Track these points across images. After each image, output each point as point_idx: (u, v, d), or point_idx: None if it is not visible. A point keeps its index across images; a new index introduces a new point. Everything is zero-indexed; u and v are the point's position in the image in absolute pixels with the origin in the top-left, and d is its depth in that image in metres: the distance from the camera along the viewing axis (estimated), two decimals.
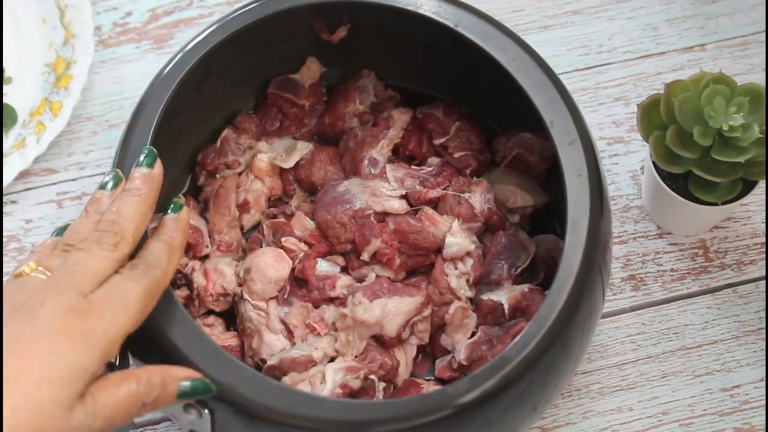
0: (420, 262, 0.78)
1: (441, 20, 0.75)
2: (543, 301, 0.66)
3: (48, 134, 0.88)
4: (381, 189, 0.78)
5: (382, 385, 0.74)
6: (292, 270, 0.77)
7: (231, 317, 0.79)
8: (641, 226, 0.87)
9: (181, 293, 0.77)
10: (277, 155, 0.83)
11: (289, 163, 0.82)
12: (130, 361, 0.63)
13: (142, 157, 0.66)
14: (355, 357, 0.75)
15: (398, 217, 0.78)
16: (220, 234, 0.80)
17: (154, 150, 0.67)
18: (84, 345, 0.56)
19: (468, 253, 0.77)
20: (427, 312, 0.76)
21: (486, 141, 0.83)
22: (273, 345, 0.75)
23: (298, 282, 0.78)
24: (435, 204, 0.79)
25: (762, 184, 0.81)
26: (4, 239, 0.86)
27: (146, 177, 0.65)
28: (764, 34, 0.95)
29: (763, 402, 0.80)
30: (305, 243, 0.78)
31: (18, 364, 0.53)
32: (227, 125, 0.84)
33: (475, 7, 0.76)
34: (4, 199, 0.88)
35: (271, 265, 0.77)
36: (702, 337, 0.83)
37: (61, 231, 0.64)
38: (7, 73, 0.91)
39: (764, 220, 0.87)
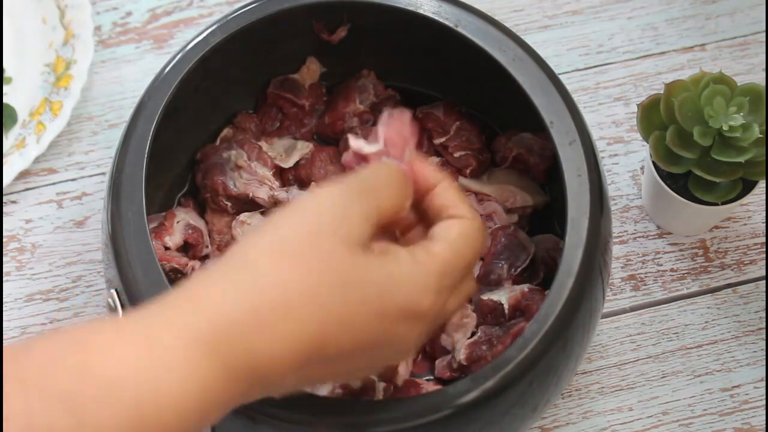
0: None
1: (441, 20, 0.75)
2: (543, 301, 0.66)
3: (48, 134, 0.88)
4: None
5: (382, 385, 0.74)
6: None
7: None
8: (641, 226, 0.87)
9: None
10: (277, 155, 0.83)
11: (289, 163, 0.82)
12: None
13: None
14: None
15: None
16: (220, 234, 0.80)
17: None
18: None
19: None
20: None
21: (486, 141, 0.83)
22: None
23: None
24: None
25: (762, 184, 0.81)
26: (4, 239, 0.86)
27: None
28: (764, 34, 0.95)
29: (763, 402, 0.80)
30: None
31: None
32: (227, 125, 0.84)
33: (475, 7, 0.76)
34: (4, 199, 0.88)
35: None
36: (702, 337, 0.83)
37: None
38: (7, 73, 0.91)
39: (764, 220, 0.87)
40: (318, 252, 0.52)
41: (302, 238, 0.52)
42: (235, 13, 0.76)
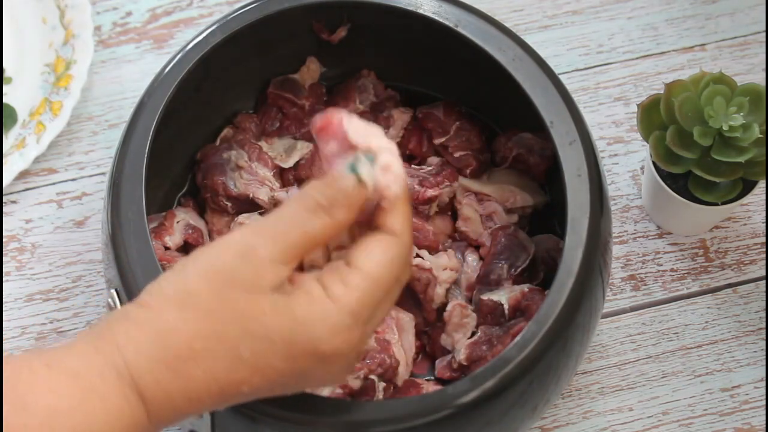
0: None
1: (441, 20, 0.75)
2: (543, 301, 0.66)
3: (48, 134, 0.88)
4: None
5: (382, 385, 0.74)
6: None
7: None
8: (641, 226, 0.87)
9: None
10: (277, 155, 0.83)
11: (289, 163, 0.82)
12: None
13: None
14: None
15: None
16: (220, 234, 0.80)
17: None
18: None
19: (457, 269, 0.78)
20: None
21: (486, 141, 0.83)
22: None
23: None
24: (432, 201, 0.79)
25: (762, 184, 0.81)
26: (4, 239, 0.86)
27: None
28: (764, 34, 0.95)
29: (763, 402, 0.80)
30: None
31: None
32: (227, 125, 0.84)
33: (475, 7, 0.76)
34: (4, 199, 0.88)
35: None
36: (702, 337, 0.83)
37: None
38: (7, 73, 0.91)
39: (764, 220, 0.87)
40: (222, 302, 0.53)
41: (207, 288, 0.53)
42: (235, 13, 0.76)
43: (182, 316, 0.53)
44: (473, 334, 0.76)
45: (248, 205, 0.80)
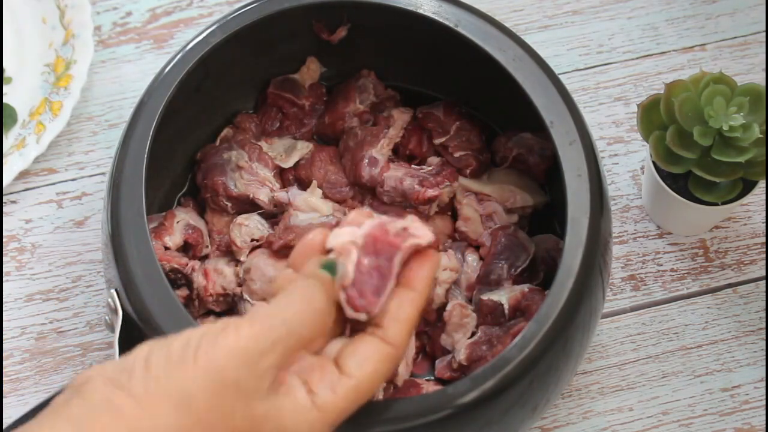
0: None
1: (441, 20, 0.75)
2: (543, 301, 0.66)
3: (48, 134, 0.88)
4: None
5: (382, 385, 0.74)
6: None
7: None
8: (641, 226, 0.87)
9: (181, 293, 0.77)
10: (277, 155, 0.83)
11: (289, 163, 0.82)
12: None
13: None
14: None
15: None
16: (220, 234, 0.80)
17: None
18: None
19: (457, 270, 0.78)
20: None
21: (486, 141, 0.83)
22: None
23: None
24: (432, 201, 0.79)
25: (762, 184, 0.81)
26: (4, 239, 0.86)
27: None
28: (764, 34, 0.95)
29: (763, 402, 0.80)
30: None
31: None
32: (227, 125, 0.84)
33: (475, 7, 0.76)
34: (4, 199, 0.88)
35: (271, 264, 0.77)
36: (702, 337, 0.83)
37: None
38: (7, 73, 0.91)
39: (764, 220, 0.87)
40: (221, 412, 0.52)
41: (209, 394, 0.51)
42: (235, 13, 0.76)
43: (178, 422, 0.51)
44: (473, 334, 0.76)
45: (248, 205, 0.80)
